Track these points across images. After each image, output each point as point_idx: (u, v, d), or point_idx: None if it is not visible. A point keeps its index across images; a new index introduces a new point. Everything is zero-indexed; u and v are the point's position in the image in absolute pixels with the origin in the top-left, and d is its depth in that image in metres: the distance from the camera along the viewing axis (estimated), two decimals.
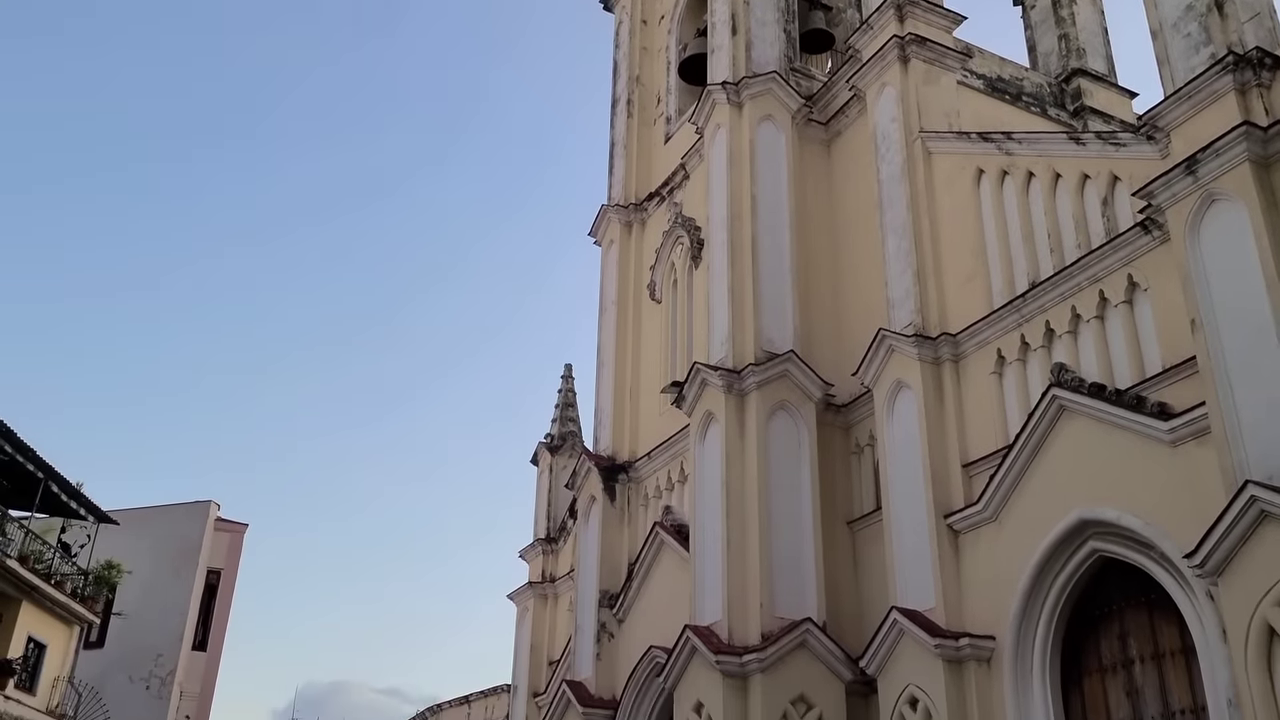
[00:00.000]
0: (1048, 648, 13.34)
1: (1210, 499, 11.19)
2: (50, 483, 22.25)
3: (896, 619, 14.33)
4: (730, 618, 16.14)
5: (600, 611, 20.98)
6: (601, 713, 19.88)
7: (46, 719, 21.44)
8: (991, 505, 14.16)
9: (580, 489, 22.83)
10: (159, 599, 28.44)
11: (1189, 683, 12.00)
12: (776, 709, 15.33)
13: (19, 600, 21.08)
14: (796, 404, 17.40)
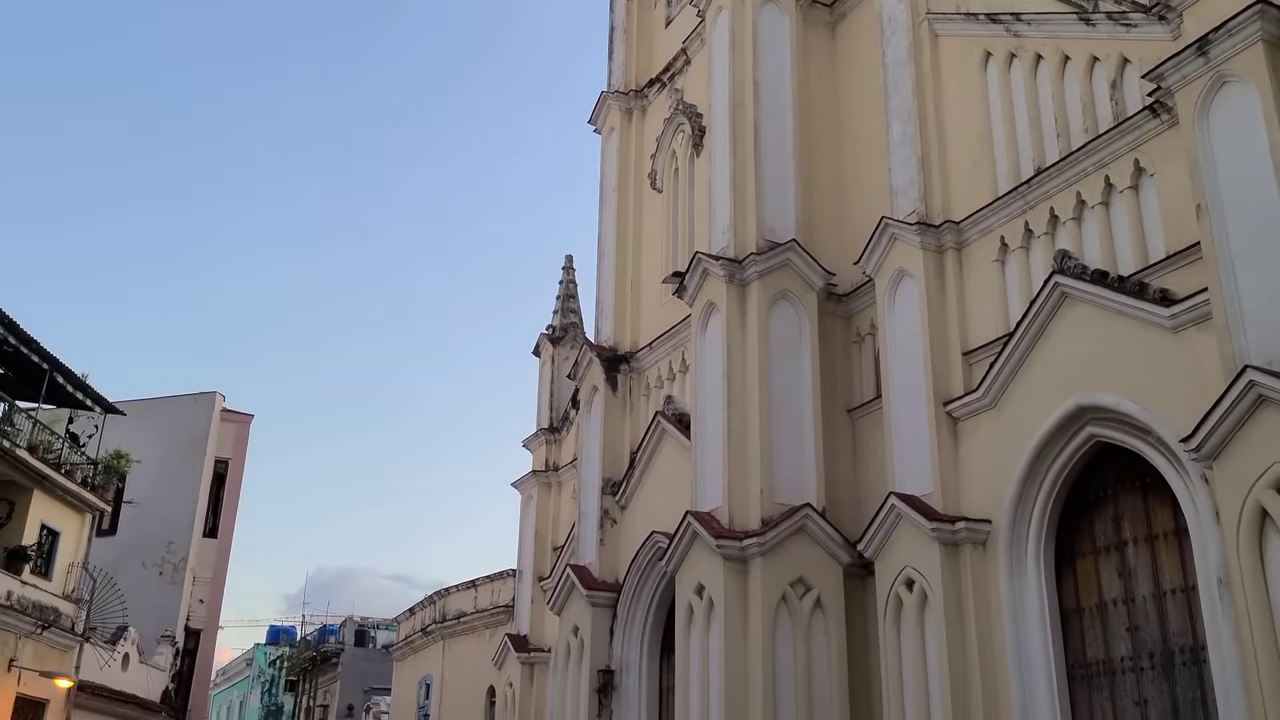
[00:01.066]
0: (1043, 531, 13.58)
1: (1209, 385, 11.26)
2: (56, 374, 22.37)
3: (894, 504, 14.56)
4: (731, 503, 16.40)
5: (603, 498, 21.34)
6: (605, 595, 20.37)
7: (63, 603, 21.95)
8: (991, 392, 14.25)
9: (582, 379, 23.00)
10: (168, 488, 28.86)
11: (1180, 563, 12.24)
12: (776, 591, 15.70)
13: (30, 489, 21.40)
14: (798, 293, 17.38)
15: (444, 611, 31.02)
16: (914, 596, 14.13)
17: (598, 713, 19.77)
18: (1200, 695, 11.75)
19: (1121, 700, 12.58)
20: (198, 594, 29.62)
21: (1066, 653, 13.22)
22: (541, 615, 23.80)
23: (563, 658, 21.03)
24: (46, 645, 21.06)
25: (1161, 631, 12.34)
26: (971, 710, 13.21)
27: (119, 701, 24.56)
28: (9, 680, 19.92)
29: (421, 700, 31.49)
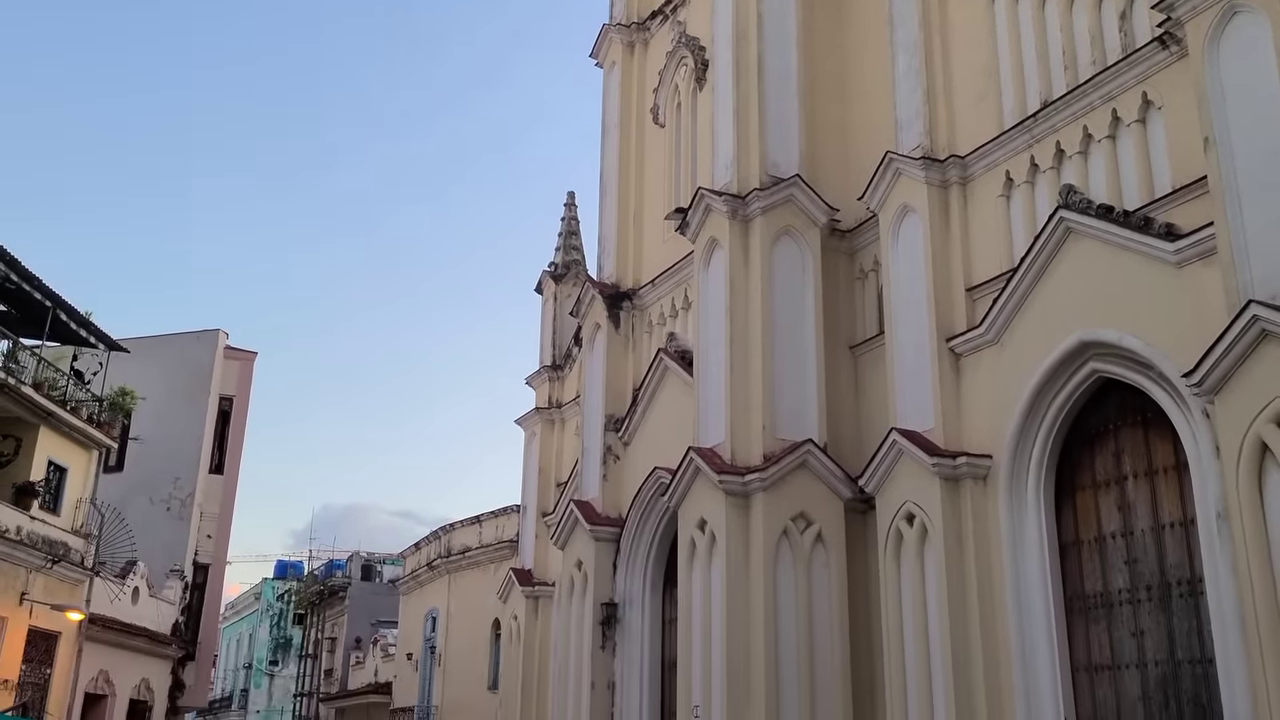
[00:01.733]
0: (1043, 465, 13.67)
1: (1212, 320, 11.25)
2: (59, 311, 22.38)
3: (896, 439, 14.64)
4: (733, 439, 16.48)
5: (606, 435, 21.45)
6: (608, 530, 20.57)
7: (72, 538, 22.20)
8: (994, 328, 14.25)
9: (584, 316, 23.00)
10: (174, 424, 29.02)
11: (1180, 497, 12.33)
12: (777, 525, 15.84)
13: (37, 426, 21.52)
14: (801, 229, 17.31)
15: (449, 546, 31.36)
16: (914, 531, 14.26)
17: (601, 645, 20.06)
18: (1196, 626, 11.90)
19: (1118, 631, 12.76)
20: (205, 529, 29.92)
21: (1064, 585, 13.37)
22: (545, 550, 24.06)
23: (566, 591, 21.30)
24: (57, 579, 21.34)
25: (1159, 564, 12.47)
26: (970, 642, 13.39)
27: (129, 634, 24.94)
28: (21, 613, 20.21)
29: (428, 633, 31.97)
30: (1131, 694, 12.46)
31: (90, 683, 23.52)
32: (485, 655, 28.25)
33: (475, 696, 27.97)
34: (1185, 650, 12.03)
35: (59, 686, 21.66)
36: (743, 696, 15.24)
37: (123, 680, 25.02)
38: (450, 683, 29.83)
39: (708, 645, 16.01)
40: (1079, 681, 13.01)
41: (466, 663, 29.00)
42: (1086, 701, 12.87)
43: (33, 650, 20.81)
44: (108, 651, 24.21)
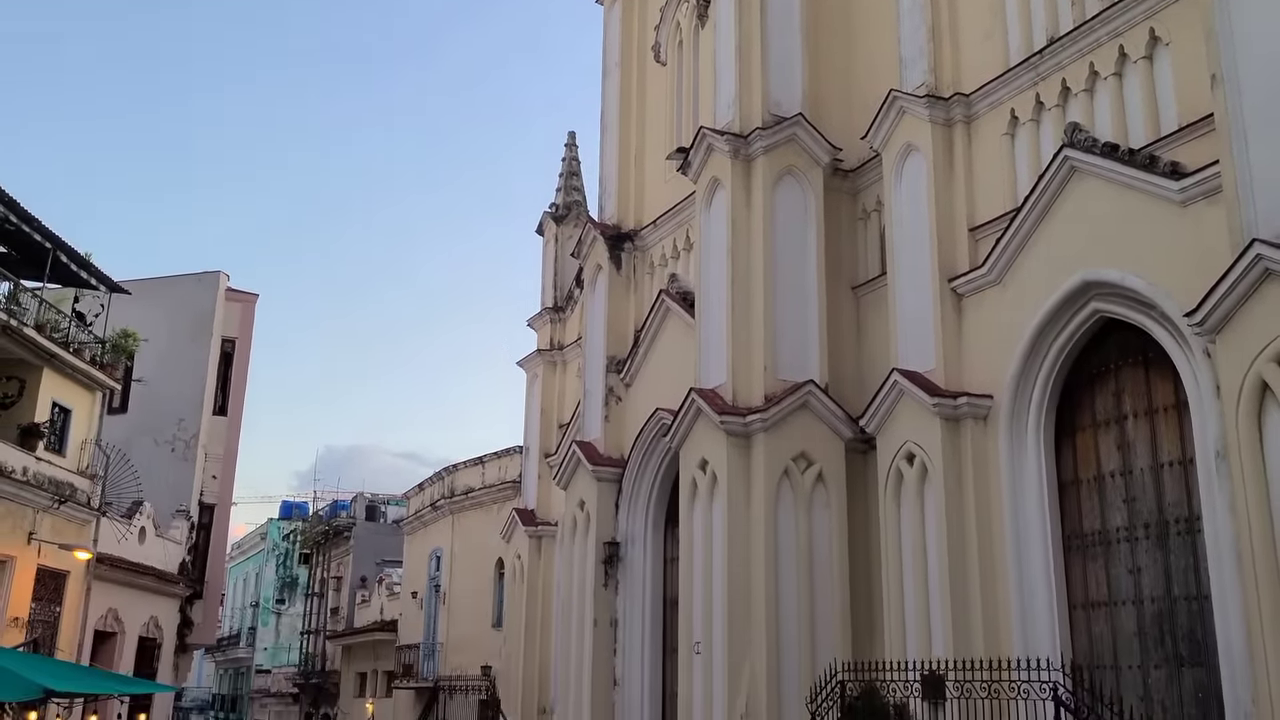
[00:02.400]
0: (1044, 405, 13.71)
1: (1215, 259, 11.20)
2: (59, 252, 22.32)
3: (897, 380, 14.66)
4: (734, 380, 16.52)
5: (607, 376, 21.51)
6: (610, 470, 20.71)
7: (78, 479, 22.33)
8: (996, 268, 14.21)
9: (586, 258, 22.94)
10: (176, 366, 29.05)
11: (1179, 436, 12.39)
12: (778, 465, 15.94)
13: (40, 367, 21.54)
14: (803, 169, 17.19)
15: (452, 487, 31.57)
16: (914, 470, 14.35)
17: (604, 583, 20.29)
18: (1193, 563, 12.02)
19: (1115, 569, 12.88)
20: (210, 470, 30.09)
21: (1063, 523, 13.48)
22: (548, 490, 24.24)
23: (569, 531, 21.49)
24: (64, 519, 21.51)
25: (1158, 503, 12.56)
26: (968, 579, 13.53)
27: (137, 573, 25.20)
28: (29, 552, 20.40)
29: (432, 571, 32.30)
30: (1127, 629, 12.62)
31: (99, 620, 23.82)
32: (489, 594, 28.57)
33: (479, 634, 28.34)
34: (1181, 587, 12.16)
35: (68, 624, 21.94)
36: (743, 633, 15.44)
37: (131, 618, 25.33)
38: (455, 620, 30.21)
39: (709, 583, 16.18)
40: (1075, 618, 13.17)
41: (471, 601, 29.35)
42: (1083, 637, 13.03)
43: (42, 589, 21.04)
44: (116, 590, 24.48)
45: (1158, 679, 12.22)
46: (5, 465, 19.80)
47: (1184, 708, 11.90)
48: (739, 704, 15.18)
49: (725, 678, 15.43)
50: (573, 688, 20.38)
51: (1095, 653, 12.87)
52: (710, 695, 15.73)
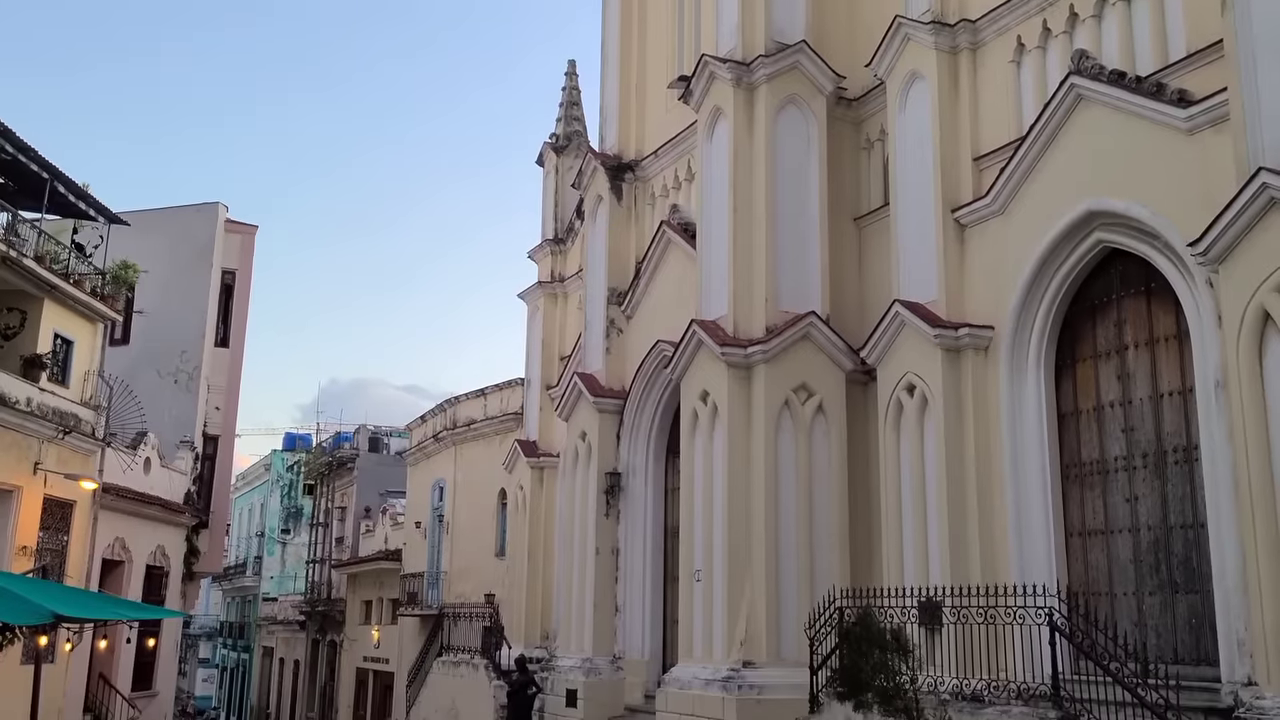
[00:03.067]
0: (1044, 336, 13.71)
1: (1220, 188, 11.13)
2: (56, 183, 22.17)
3: (898, 310, 14.65)
4: (736, 312, 16.51)
5: (609, 308, 21.49)
6: (611, 402, 20.79)
7: (82, 409, 22.43)
8: (1000, 198, 14.12)
9: (586, 189, 22.78)
10: (177, 298, 29.01)
11: (1179, 366, 12.41)
12: (779, 396, 16.00)
13: (41, 299, 21.51)
14: (806, 97, 16.99)
15: (454, 419, 31.70)
16: (914, 401, 14.40)
17: (605, 513, 20.48)
18: (1190, 492, 12.12)
19: (1112, 497, 12.99)
20: (213, 401, 30.20)
21: (1061, 453, 13.56)
22: (550, 422, 24.35)
23: (571, 461, 21.63)
24: (69, 449, 21.64)
25: (1156, 432, 12.62)
26: (966, 508, 13.65)
27: (143, 502, 25.42)
28: (36, 482, 20.56)
29: (435, 502, 32.57)
30: (1123, 557, 12.76)
31: (107, 549, 24.09)
32: (492, 523, 28.84)
33: (483, 563, 28.67)
34: (1178, 515, 12.27)
35: (76, 552, 22.19)
36: (743, 561, 15.63)
37: (138, 547, 25.62)
38: (458, 550, 30.55)
39: (709, 512, 16.34)
40: (1072, 546, 13.32)
41: (474, 531, 29.63)
42: (1079, 565, 13.19)
43: (49, 518, 21.24)
44: (122, 519, 24.72)
45: (1152, 605, 12.39)
46: (9, 396, 19.88)
47: (1177, 634, 12.08)
48: (738, 630, 15.41)
49: (725, 604, 15.65)
50: (575, 614, 20.68)
51: (1091, 580, 13.03)
52: (710, 621, 15.96)
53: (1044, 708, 10.34)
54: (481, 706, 22.90)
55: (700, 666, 15.88)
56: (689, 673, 16.06)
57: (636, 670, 19.34)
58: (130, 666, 26.12)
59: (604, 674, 19.52)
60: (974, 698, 11.05)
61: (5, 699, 18.26)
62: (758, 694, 14.84)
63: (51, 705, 20.39)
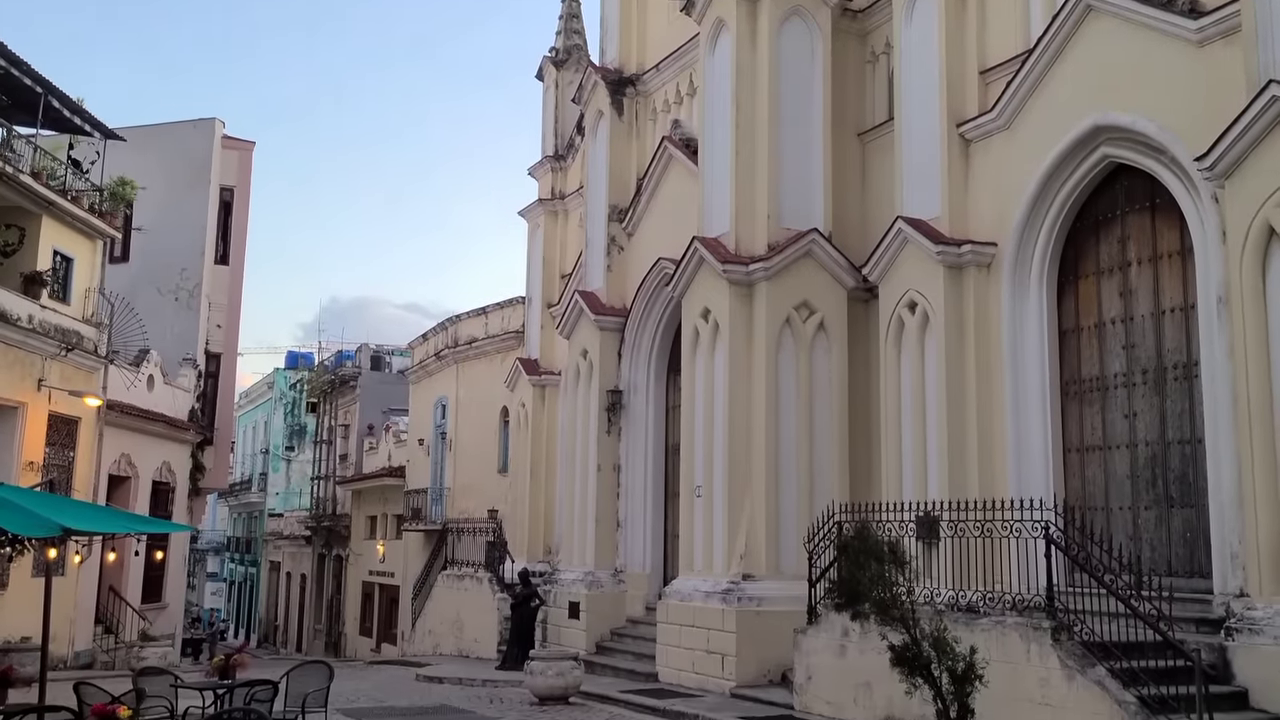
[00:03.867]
0: (1047, 252, 13.65)
1: (1229, 102, 10.98)
2: (50, 97, 21.89)
3: (901, 227, 14.57)
4: (737, 228, 16.42)
5: (610, 225, 21.37)
6: (612, 320, 20.80)
7: (84, 327, 22.45)
8: (1006, 113, 13.94)
9: (587, 103, 22.49)
10: (176, 215, 28.84)
11: (1182, 283, 12.38)
12: (780, 314, 15.99)
13: (39, 215, 21.38)
14: (811, 9, 16.69)
15: (456, 337, 31.73)
16: (916, 318, 14.39)
17: (606, 430, 20.62)
18: (1189, 408, 12.18)
19: (1111, 413, 13.06)
20: (214, 319, 30.21)
21: (1061, 370, 13.60)
22: (551, 340, 24.38)
23: (572, 379, 21.72)
24: (72, 367, 21.71)
25: (1157, 349, 12.64)
26: (966, 424, 13.73)
27: (148, 419, 25.59)
28: (40, 399, 20.68)
29: (438, 420, 32.76)
30: (1120, 472, 12.88)
31: (113, 465, 24.32)
32: (494, 441, 29.04)
33: (486, 479, 28.94)
34: (1176, 431, 12.35)
35: (82, 468, 22.41)
36: (743, 477, 15.77)
37: (144, 463, 25.86)
38: (461, 466, 30.80)
39: (710, 429, 16.44)
40: (1069, 461, 13.43)
41: (476, 448, 29.85)
42: (1076, 480, 13.32)
43: (54, 434, 21.40)
44: (128, 436, 24.91)
45: (1147, 519, 12.54)
46: (11, 313, 19.88)
47: (1171, 547, 12.25)
48: (738, 544, 15.62)
49: (725, 519, 15.84)
50: (577, 529, 20.95)
51: (1087, 495, 13.16)
52: (710, 536, 16.17)
53: (1038, 618, 10.51)
54: (486, 618, 23.32)
55: (700, 579, 16.13)
56: (689, 585, 16.32)
57: (638, 583, 19.66)
58: (140, 580, 26.56)
59: (606, 587, 19.85)
60: (969, 609, 11.23)
61: (18, 611, 18.60)
62: (757, 606, 15.10)
63: (63, 617, 20.80)
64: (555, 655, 16.34)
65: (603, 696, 15.64)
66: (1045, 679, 10.24)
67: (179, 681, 11.70)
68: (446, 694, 17.17)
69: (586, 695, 15.74)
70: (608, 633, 19.45)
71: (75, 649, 22.28)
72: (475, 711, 14.94)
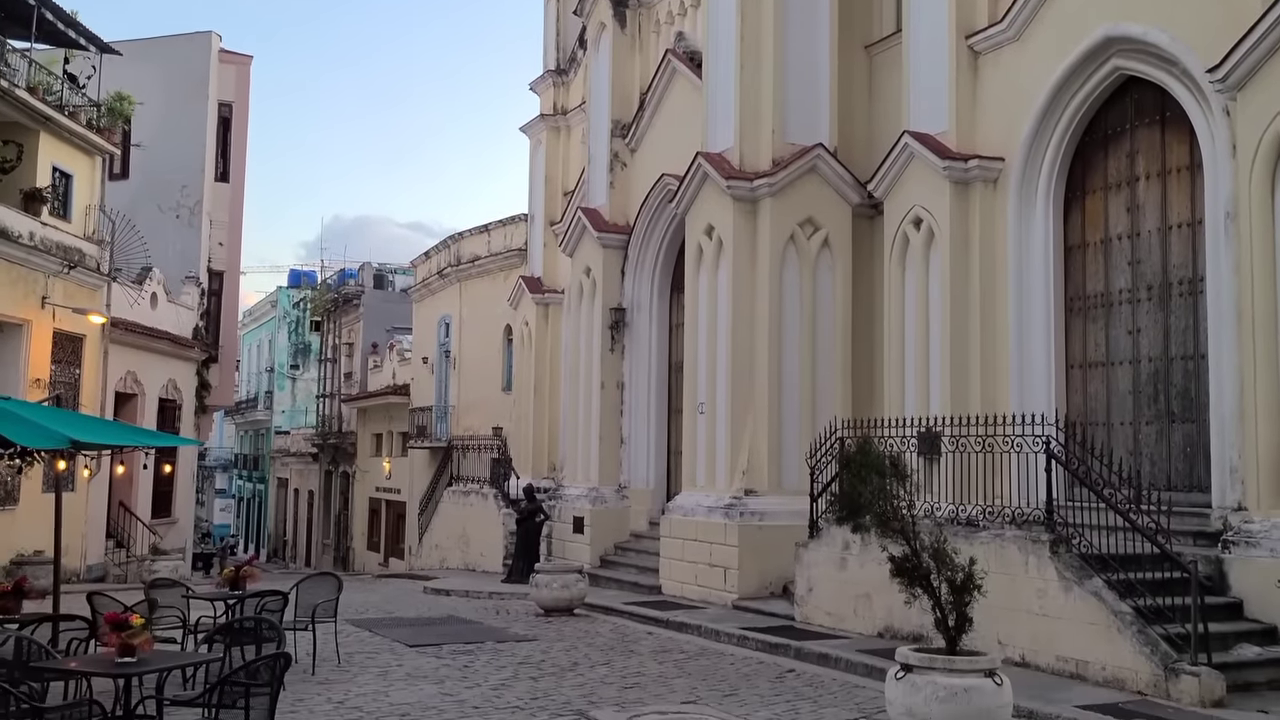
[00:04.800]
0: (1055, 167, 13.51)
1: (1244, 12, 10.79)
2: (44, 9, 21.53)
3: (908, 142, 14.40)
4: (742, 144, 16.26)
5: (612, 141, 21.16)
6: (615, 237, 20.70)
7: (86, 244, 22.39)
8: (1015, 24, 13.69)
9: (589, 16, 22.11)
10: (174, 131, 28.54)
11: (1190, 198, 12.27)
12: (784, 230, 15.91)
13: (36, 131, 21.18)
14: None
15: (458, 255, 31.61)
16: (921, 235, 14.30)
17: (610, 348, 20.66)
18: (1192, 324, 12.17)
19: (1115, 329, 13.05)
20: (216, 237, 30.10)
21: (1066, 286, 13.55)
22: (554, 258, 24.30)
23: (576, 297, 21.70)
24: (75, 284, 21.71)
25: (1163, 264, 12.58)
26: (969, 341, 13.73)
27: (152, 337, 25.65)
28: (44, 316, 20.71)
29: (441, 338, 32.81)
30: (1122, 388, 12.91)
31: (119, 383, 24.44)
32: (498, 359, 29.11)
33: (490, 397, 29.07)
34: (1179, 347, 12.35)
35: (89, 385, 22.53)
36: (746, 394, 15.84)
37: (150, 380, 25.99)
38: (465, 384, 30.93)
39: (714, 346, 16.47)
40: (1072, 378, 13.46)
41: (480, 366, 29.94)
42: (1078, 396, 13.36)
43: (60, 352, 21.48)
44: (133, 354, 24.99)
45: (1148, 434, 12.61)
46: (11, 230, 19.81)
47: (1171, 462, 12.33)
48: (740, 460, 15.75)
49: (728, 436, 15.95)
50: (581, 446, 21.11)
51: (1089, 410, 13.22)
52: (713, 452, 16.30)
53: (1037, 531, 10.63)
54: (491, 533, 23.63)
55: (703, 495, 16.30)
56: (692, 500, 16.50)
57: (641, 499, 19.88)
58: (149, 495, 26.89)
59: (610, 503, 20.07)
60: (969, 523, 11.35)
61: (30, 526, 18.88)
62: (759, 520, 15.28)
63: (75, 531, 21.09)
64: (560, 568, 16.60)
65: (607, 608, 15.92)
66: (1043, 590, 10.40)
67: (190, 592, 11.91)
68: (454, 606, 17.48)
69: (591, 607, 16.03)
70: (611, 547, 19.72)
71: (87, 563, 22.64)
72: (482, 622, 15.22)
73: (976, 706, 7.46)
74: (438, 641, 13.15)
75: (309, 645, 11.19)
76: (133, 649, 6.72)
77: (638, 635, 13.83)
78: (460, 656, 12.08)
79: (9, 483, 19.36)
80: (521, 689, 10.23)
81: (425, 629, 14.43)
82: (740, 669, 11.42)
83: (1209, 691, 9.00)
